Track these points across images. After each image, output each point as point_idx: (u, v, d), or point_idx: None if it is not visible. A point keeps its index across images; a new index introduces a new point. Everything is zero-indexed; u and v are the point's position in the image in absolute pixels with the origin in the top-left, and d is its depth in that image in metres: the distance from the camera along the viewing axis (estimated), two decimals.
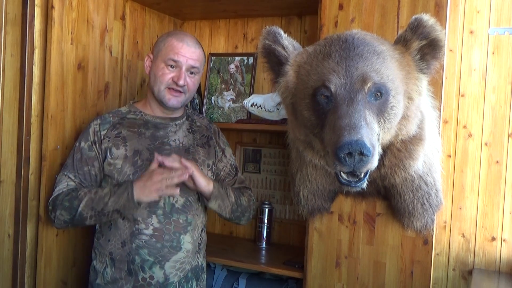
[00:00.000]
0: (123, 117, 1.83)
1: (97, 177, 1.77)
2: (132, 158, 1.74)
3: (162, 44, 1.79)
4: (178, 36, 1.79)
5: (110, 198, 1.64)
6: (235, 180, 1.96)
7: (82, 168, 1.75)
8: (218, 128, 2.01)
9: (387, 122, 1.39)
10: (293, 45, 1.55)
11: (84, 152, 1.76)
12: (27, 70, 1.84)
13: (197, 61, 1.79)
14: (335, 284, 1.83)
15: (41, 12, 1.85)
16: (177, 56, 1.74)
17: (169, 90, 1.76)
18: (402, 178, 1.59)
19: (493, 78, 1.93)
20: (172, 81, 1.75)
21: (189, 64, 1.76)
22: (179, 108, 1.83)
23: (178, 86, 1.75)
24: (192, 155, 1.82)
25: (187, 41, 1.78)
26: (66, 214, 1.69)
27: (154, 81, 1.78)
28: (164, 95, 1.76)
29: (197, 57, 1.79)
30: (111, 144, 1.75)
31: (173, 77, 1.75)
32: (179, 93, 1.77)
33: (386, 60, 1.40)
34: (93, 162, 1.76)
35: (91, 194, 1.67)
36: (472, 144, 1.95)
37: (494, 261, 1.92)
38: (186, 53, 1.75)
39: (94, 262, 1.79)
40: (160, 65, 1.76)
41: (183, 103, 1.82)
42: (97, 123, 1.80)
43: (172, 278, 1.74)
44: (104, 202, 1.64)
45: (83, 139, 1.79)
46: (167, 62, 1.75)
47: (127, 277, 1.72)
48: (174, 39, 1.78)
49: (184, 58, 1.75)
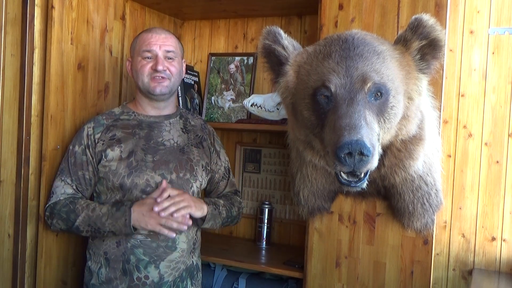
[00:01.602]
0: (116, 118, 1.83)
1: (91, 180, 1.78)
2: (126, 159, 1.74)
3: (135, 42, 1.85)
4: (147, 30, 1.87)
5: (108, 219, 1.67)
6: (227, 183, 1.99)
7: (77, 173, 1.77)
8: (213, 129, 2.02)
9: (387, 122, 1.39)
10: (293, 45, 1.55)
11: (78, 156, 1.78)
12: (27, 70, 1.84)
13: (171, 46, 1.82)
14: (335, 284, 1.83)
15: (41, 12, 1.85)
16: (149, 46, 1.78)
17: (152, 79, 1.78)
18: (402, 178, 1.59)
19: (493, 78, 1.93)
20: (152, 70, 1.78)
21: (163, 50, 1.79)
22: (166, 94, 1.83)
23: (158, 72, 1.77)
24: (187, 155, 1.83)
25: (155, 30, 1.84)
26: (63, 224, 1.73)
27: (136, 76, 1.81)
28: (148, 85, 1.78)
29: (170, 42, 1.82)
30: (106, 146, 1.76)
31: (151, 66, 1.78)
32: (163, 79, 1.79)
33: (386, 60, 1.40)
34: (87, 166, 1.77)
35: (88, 211, 1.69)
36: (472, 144, 1.95)
37: (494, 261, 1.92)
38: (158, 40, 1.79)
39: (89, 262, 1.79)
40: (137, 60, 1.80)
41: (170, 89, 1.82)
42: (90, 126, 1.80)
43: (167, 277, 1.75)
44: (101, 222, 1.67)
45: (76, 142, 1.80)
46: (142, 55, 1.79)
47: (122, 277, 1.72)
48: (143, 33, 1.85)
49: (156, 45, 1.79)
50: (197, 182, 1.84)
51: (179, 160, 1.80)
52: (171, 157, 1.79)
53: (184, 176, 1.80)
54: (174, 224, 1.66)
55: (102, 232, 1.69)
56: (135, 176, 1.72)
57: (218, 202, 1.86)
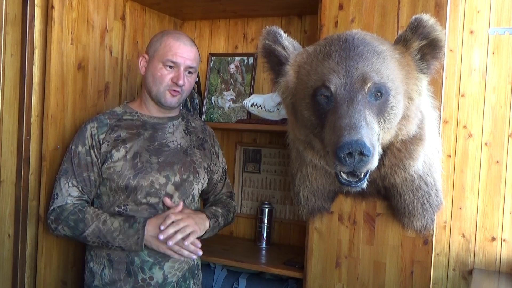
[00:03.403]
0: (119, 118, 1.81)
1: (96, 181, 1.76)
2: (131, 161, 1.73)
3: (158, 44, 1.78)
4: (174, 36, 1.79)
5: (119, 235, 1.65)
6: (224, 184, 2.01)
7: (82, 174, 1.73)
8: (213, 131, 2.02)
9: (387, 122, 1.39)
10: (293, 45, 1.55)
11: (82, 157, 1.74)
12: (27, 70, 1.84)
13: (194, 61, 1.80)
14: (335, 284, 1.83)
15: (41, 12, 1.85)
16: (175, 57, 1.74)
17: (169, 91, 1.76)
18: (402, 178, 1.59)
19: (493, 78, 1.93)
20: (172, 82, 1.76)
21: (187, 65, 1.77)
22: (176, 106, 1.83)
23: (178, 86, 1.75)
24: (190, 157, 1.83)
25: (183, 40, 1.79)
26: (69, 231, 1.70)
27: (152, 82, 1.77)
28: (163, 95, 1.76)
29: (194, 57, 1.80)
30: (111, 147, 1.73)
31: (172, 78, 1.75)
32: (178, 93, 1.78)
33: (386, 60, 1.40)
34: (92, 167, 1.74)
35: (99, 223, 1.66)
36: (472, 144, 1.95)
37: (494, 261, 1.92)
38: (184, 53, 1.76)
39: (90, 263, 1.77)
40: (158, 66, 1.76)
41: (180, 103, 1.82)
42: (93, 126, 1.77)
43: (171, 278, 1.75)
44: (112, 237, 1.65)
45: (80, 143, 1.76)
46: (165, 63, 1.75)
47: (126, 278, 1.72)
48: (170, 38, 1.78)
49: (182, 59, 1.75)
50: (199, 184, 1.85)
51: (183, 162, 1.80)
52: (175, 158, 1.79)
53: (187, 178, 1.80)
54: (185, 252, 1.66)
55: (110, 246, 1.68)
56: (140, 177, 1.71)
57: (217, 212, 1.86)
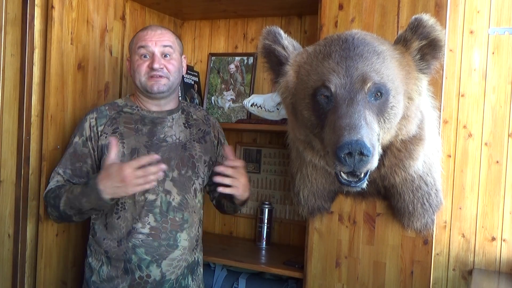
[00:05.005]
0: (119, 110, 1.81)
1: (88, 173, 1.75)
2: (129, 156, 1.73)
3: (132, 41, 1.84)
4: (143, 28, 1.85)
5: (83, 198, 1.63)
6: None
7: (74, 164, 1.74)
8: (216, 120, 2.01)
9: (387, 122, 1.39)
10: (293, 45, 1.55)
11: (78, 147, 1.75)
12: (27, 70, 1.84)
13: (167, 40, 1.79)
14: (335, 284, 1.83)
15: (41, 12, 1.85)
16: (144, 42, 1.76)
17: (149, 78, 1.76)
18: (402, 178, 1.59)
19: (493, 78, 1.93)
20: (149, 68, 1.76)
21: (160, 46, 1.77)
22: (165, 92, 1.80)
23: (155, 70, 1.75)
24: (189, 151, 1.82)
25: (151, 27, 1.82)
26: (54, 211, 1.71)
27: (134, 75, 1.80)
28: (146, 84, 1.77)
29: (166, 38, 1.79)
30: (109, 141, 1.72)
31: (148, 65, 1.76)
32: (160, 77, 1.76)
33: (386, 60, 1.40)
34: (86, 158, 1.75)
35: (68, 193, 1.66)
36: (472, 144, 1.95)
37: (494, 261, 1.92)
38: (153, 37, 1.77)
39: (89, 259, 1.78)
40: (135, 59, 1.79)
41: (169, 87, 1.80)
42: (93, 117, 1.78)
43: (169, 276, 1.74)
44: (80, 202, 1.63)
45: (78, 133, 1.78)
46: (139, 53, 1.77)
47: (123, 276, 1.72)
48: (139, 31, 1.84)
49: (151, 41, 1.76)
50: (199, 179, 1.83)
51: (181, 157, 1.80)
52: (173, 154, 1.78)
53: (186, 173, 1.79)
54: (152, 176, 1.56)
55: (85, 212, 1.65)
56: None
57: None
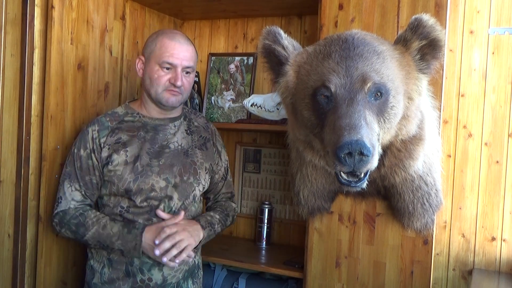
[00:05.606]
0: (120, 120, 1.80)
1: (98, 184, 1.76)
2: (132, 164, 1.72)
3: (154, 45, 1.76)
4: (168, 35, 1.77)
5: (118, 240, 1.66)
6: (224, 184, 1.98)
7: (84, 178, 1.74)
8: (216, 129, 2.01)
9: (387, 122, 1.39)
10: (293, 45, 1.55)
11: (84, 161, 1.75)
12: (27, 70, 1.84)
13: (191, 60, 1.78)
14: (335, 284, 1.83)
15: (41, 12, 1.85)
16: (171, 59, 1.72)
17: (167, 91, 1.75)
18: (402, 178, 1.59)
19: (493, 78, 1.93)
20: (169, 83, 1.74)
21: (184, 65, 1.75)
22: (177, 106, 1.81)
23: (175, 87, 1.74)
24: (191, 158, 1.82)
25: (178, 39, 1.76)
26: (71, 234, 1.73)
27: (150, 84, 1.75)
28: (162, 96, 1.75)
29: (190, 56, 1.78)
30: (112, 151, 1.73)
31: (169, 79, 1.74)
32: (177, 92, 1.76)
33: (386, 60, 1.40)
34: (94, 171, 1.74)
35: (99, 228, 1.68)
36: (472, 144, 1.95)
37: (494, 261, 1.92)
38: (180, 53, 1.73)
39: (91, 261, 1.78)
40: (155, 68, 1.74)
41: (181, 103, 1.81)
42: (95, 129, 1.76)
43: (170, 279, 1.75)
44: (111, 241, 1.67)
45: (81, 146, 1.76)
46: (161, 65, 1.73)
47: (125, 278, 1.72)
48: (165, 38, 1.75)
49: (178, 60, 1.73)
50: (200, 186, 1.83)
51: (183, 163, 1.79)
52: (176, 160, 1.78)
53: (187, 179, 1.79)
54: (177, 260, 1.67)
55: (110, 249, 1.70)
56: (140, 181, 1.71)
57: (214, 219, 1.84)
